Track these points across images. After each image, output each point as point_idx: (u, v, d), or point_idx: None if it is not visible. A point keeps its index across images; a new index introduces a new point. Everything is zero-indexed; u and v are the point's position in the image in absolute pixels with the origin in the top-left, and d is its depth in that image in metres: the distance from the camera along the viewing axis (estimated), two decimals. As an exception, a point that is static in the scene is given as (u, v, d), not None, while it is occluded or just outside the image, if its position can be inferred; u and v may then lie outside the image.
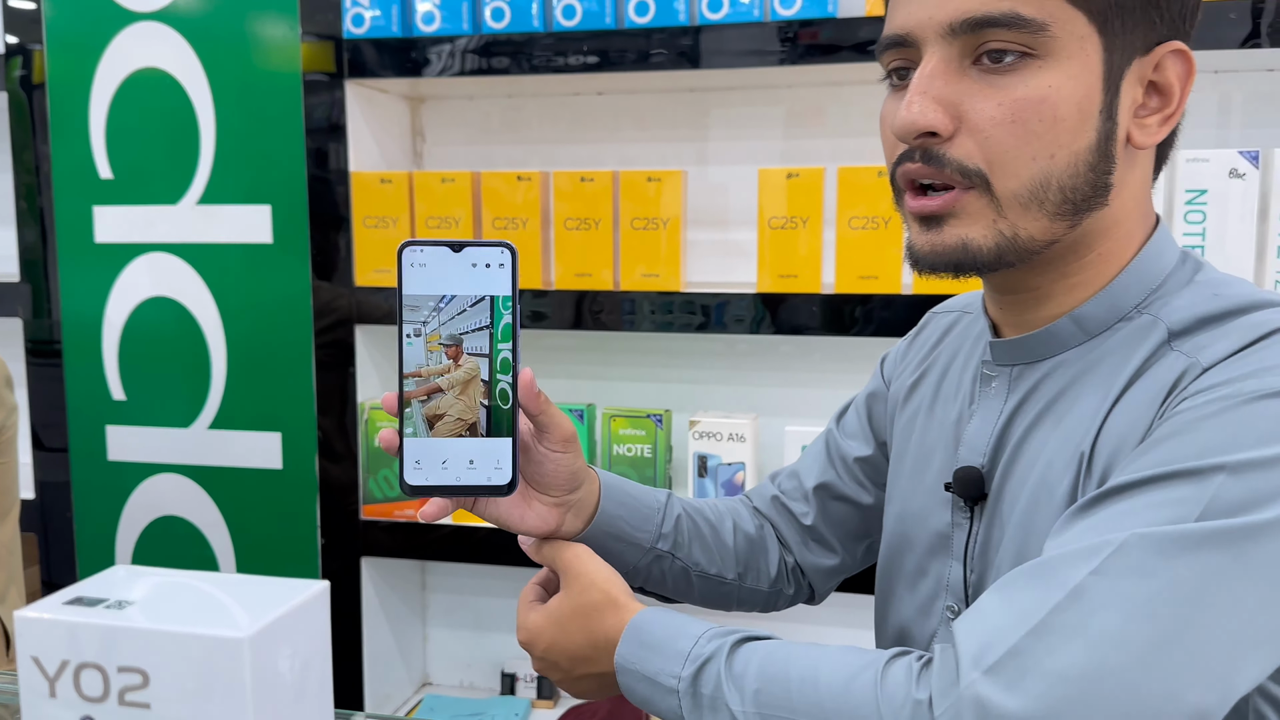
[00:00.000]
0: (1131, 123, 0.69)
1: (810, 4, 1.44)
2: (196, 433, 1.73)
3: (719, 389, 1.75)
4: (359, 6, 1.59)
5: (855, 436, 0.98)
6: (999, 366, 0.78)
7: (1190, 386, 0.64)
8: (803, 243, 1.49)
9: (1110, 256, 0.72)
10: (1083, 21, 0.66)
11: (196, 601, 0.38)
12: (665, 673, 0.70)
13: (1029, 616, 0.58)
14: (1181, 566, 0.57)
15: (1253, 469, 0.58)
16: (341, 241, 1.65)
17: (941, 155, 0.68)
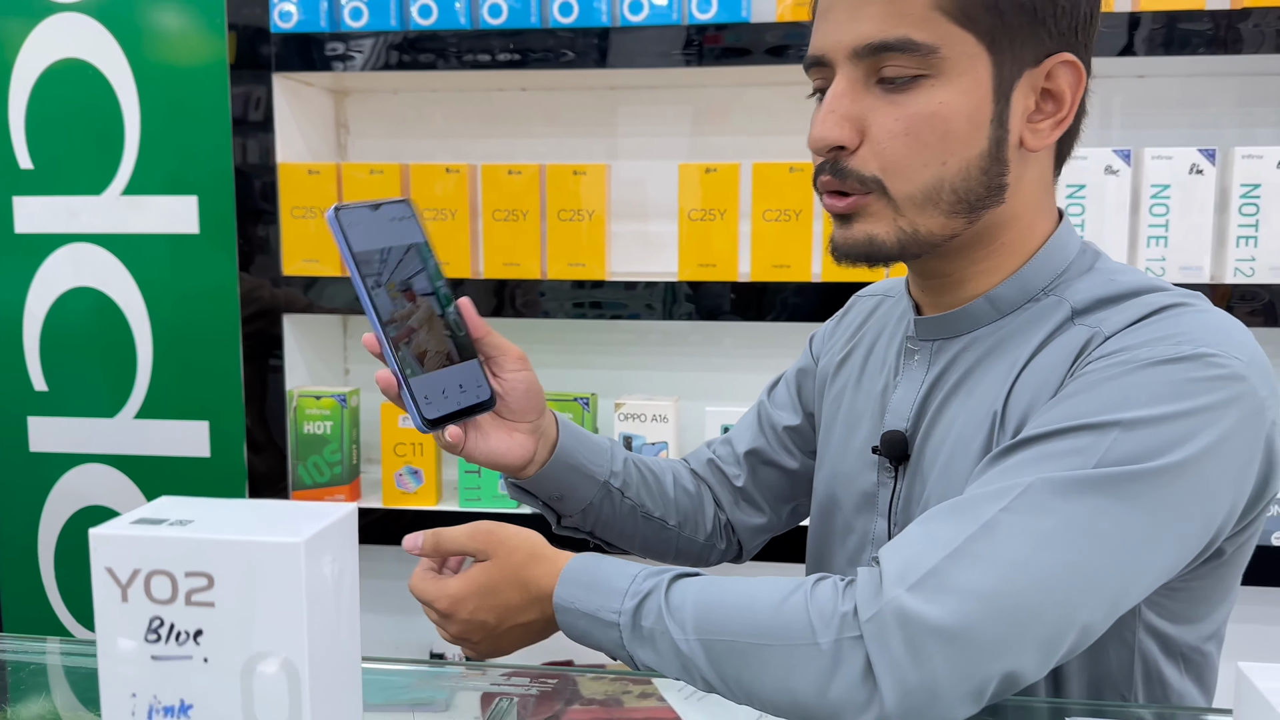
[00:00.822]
0: (1024, 128, 0.77)
1: (725, 9, 1.53)
2: (122, 423, 1.73)
3: (642, 373, 1.83)
4: (286, 2, 1.62)
5: (784, 407, 1.07)
6: (921, 341, 0.87)
7: (1095, 351, 0.74)
8: (720, 234, 1.58)
9: (1014, 246, 0.81)
10: (972, 42, 0.74)
11: (246, 518, 0.44)
12: (606, 608, 0.76)
13: (947, 543, 0.66)
14: (1078, 506, 0.66)
15: (1142, 425, 0.68)
16: (269, 232, 1.68)
17: (844, 168, 0.78)
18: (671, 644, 0.72)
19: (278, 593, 0.41)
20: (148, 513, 0.44)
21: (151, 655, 0.42)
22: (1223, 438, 0.69)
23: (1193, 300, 0.77)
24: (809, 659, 0.66)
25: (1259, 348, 0.74)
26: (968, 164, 0.76)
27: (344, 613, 0.45)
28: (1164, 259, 1.49)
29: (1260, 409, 0.71)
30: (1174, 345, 0.71)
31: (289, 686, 0.42)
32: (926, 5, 0.74)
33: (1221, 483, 0.70)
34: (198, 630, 0.42)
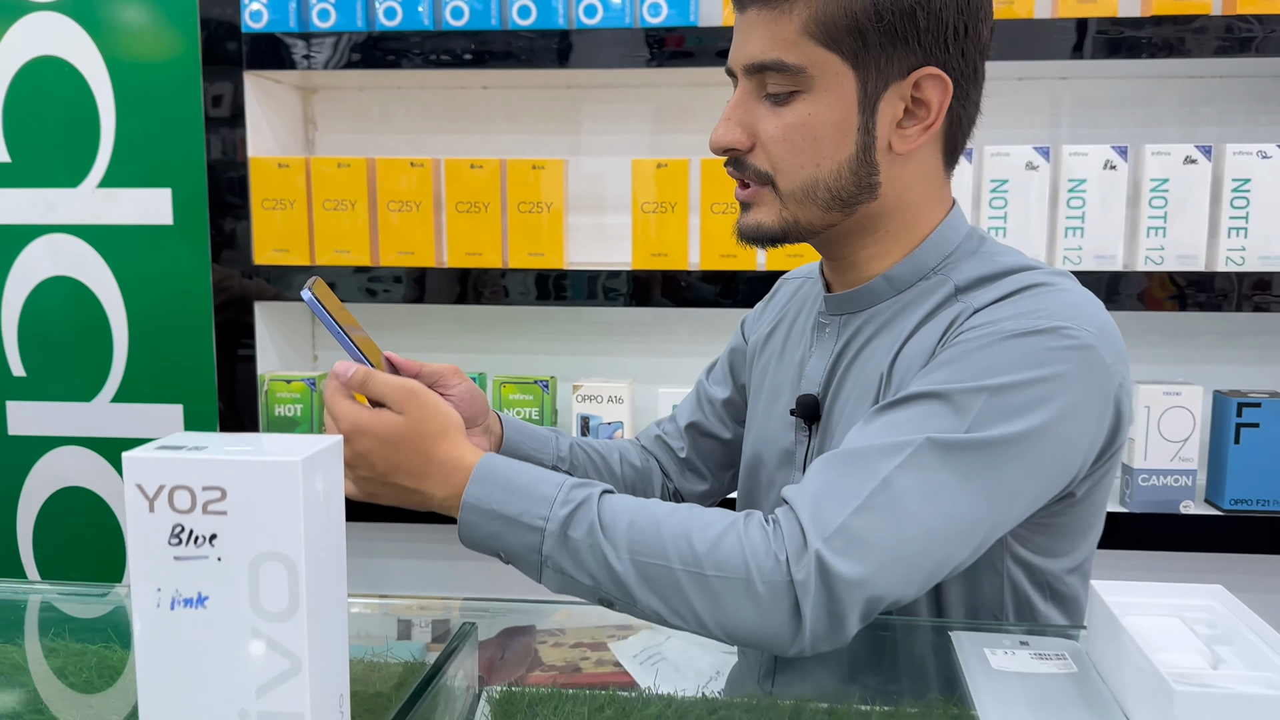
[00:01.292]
0: (893, 134, 0.88)
1: (674, 14, 1.63)
2: (99, 406, 1.80)
3: (599, 357, 1.93)
4: (256, 3, 1.70)
5: (719, 383, 1.18)
6: (831, 316, 0.98)
7: (965, 324, 0.85)
8: (671, 226, 1.68)
9: (902, 232, 0.93)
10: (837, 61, 0.85)
11: (251, 444, 0.53)
12: (531, 513, 0.80)
13: (852, 499, 0.77)
14: (957, 464, 0.78)
15: (1007, 390, 0.79)
16: (240, 223, 1.75)
17: (744, 163, 0.91)
18: (599, 558, 0.79)
19: (280, 503, 0.50)
20: (168, 442, 0.53)
21: (174, 556, 0.51)
22: (1074, 399, 0.81)
23: (1056, 279, 0.88)
24: (744, 594, 0.76)
25: (1109, 320, 0.86)
26: (839, 166, 0.88)
27: (332, 521, 0.55)
28: (1080, 248, 1.61)
29: (1107, 373, 0.83)
30: (1033, 319, 0.82)
31: (288, 580, 0.51)
32: (796, 30, 0.85)
33: (1074, 437, 0.82)
34: (213, 534, 0.51)
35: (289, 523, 0.51)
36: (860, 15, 0.84)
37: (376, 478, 0.86)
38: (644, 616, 0.80)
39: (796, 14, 0.85)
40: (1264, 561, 1.79)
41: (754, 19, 0.88)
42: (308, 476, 0.51)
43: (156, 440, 0.53)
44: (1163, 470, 1.63)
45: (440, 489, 0.84)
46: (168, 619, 0.52)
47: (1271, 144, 1.58)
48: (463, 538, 0.84)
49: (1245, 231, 1.59)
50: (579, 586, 0.81)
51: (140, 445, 0.53)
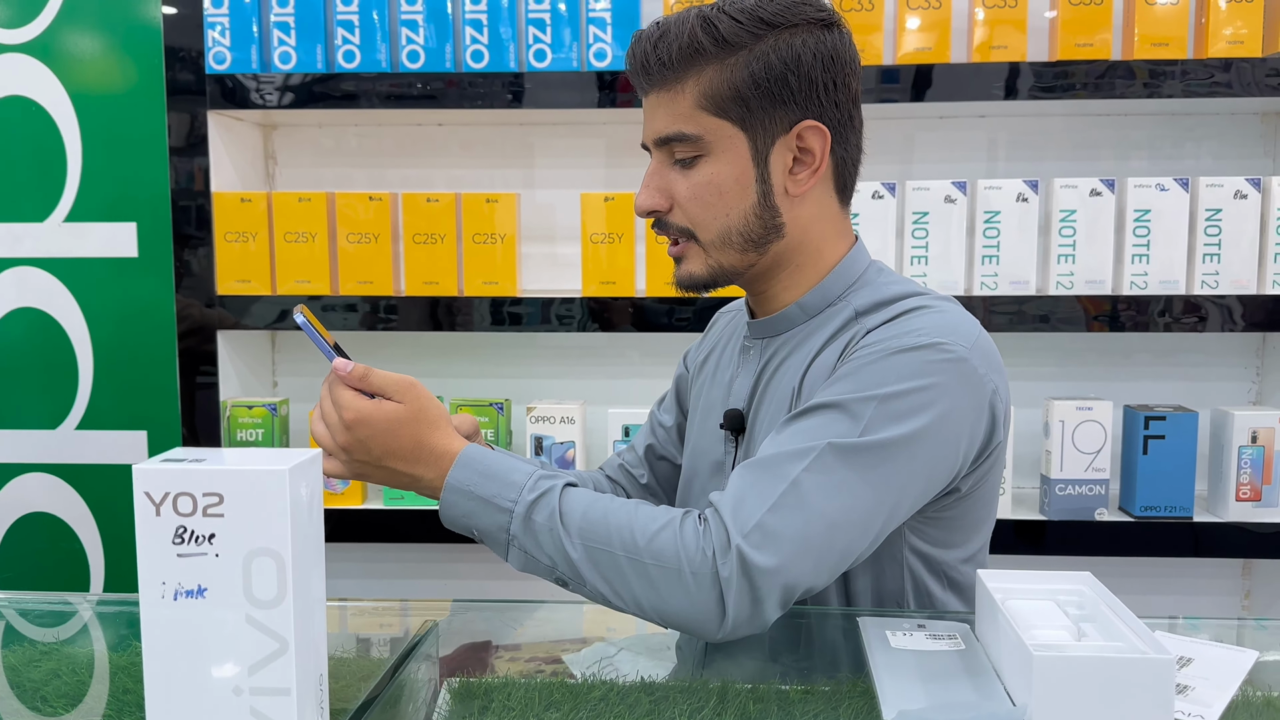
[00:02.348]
0: (786, 180, 1.01)
1: (619, 58, 1.74)
2: (64, 434, 1.86)
3: (551, 381, 2.02)
4: (220, 46, 1.78)
5: (668, 410, 1.30)
6: (754, 340, 1.10)
7: (859, 343, 0.98)
8: (619, 255, 1.79)
9: (809, 265, 1.05)
10: (729, 126, 0.99)
11: (242, 457, 0.62)
12: (503, 496, 0.92)
13: (767, 499, 0.88)
14: (854, 464, 0.89)
15: (893, 399, 0.91)
16: (203, 255, 1.82)
17: (666, 223, 1.04)
18: (556, 541, 0.90)
19: (270, 506, 0.59)
20: (170, 455, 0.62)
21: (177, 554, 0.59)
22: (952, 404, 0.93)
23: (936, 304, 1.00)
24: (676, 581, 0.87)
25: (983, 336, 0.99)
26: (745, 214, 1.01)
27: (314, 522, 0.63)
28: (996, 275, 1.74)
29: (980, 382, 0.95)
30: (915, 337, 0.95)
31: (277, 573, 0.60)
32: (691, 105, 0.99)
33: (953, 438, 0.94)
34: (211, 534, 0.59)
35: (278, 523, 0.59)
36: (741, 86, 0.97)
37: (371, 461, 0.96)
38: (591, 597, 0.90)
39: (688, 92, 0.98)
40: (1173, 564, 1.93)
41: (655, 100, 1.01)
42: (294, 483, 0.60)
43: (160, 455, 0.62)
44: (1078, 480, 1.76)
45: (429, 471, 0.96)
46: (172, 609, 0.60)
47: (1169, 178, 1.72)
48: (442, 515, 0.96)
49: (1147, 258, 1.73)
50: (539, 565, 0.92)
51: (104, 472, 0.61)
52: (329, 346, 0.98)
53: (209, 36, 1.77)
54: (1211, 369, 1.94)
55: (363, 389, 0.97)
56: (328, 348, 0.98)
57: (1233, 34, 1.70)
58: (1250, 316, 1.71)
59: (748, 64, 0.97)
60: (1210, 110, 1.87)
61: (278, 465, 0.59)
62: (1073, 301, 1.72)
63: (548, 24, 1.75)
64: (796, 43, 0.98)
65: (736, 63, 0.97)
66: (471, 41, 1.76)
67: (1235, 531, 1.74)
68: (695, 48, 0.98)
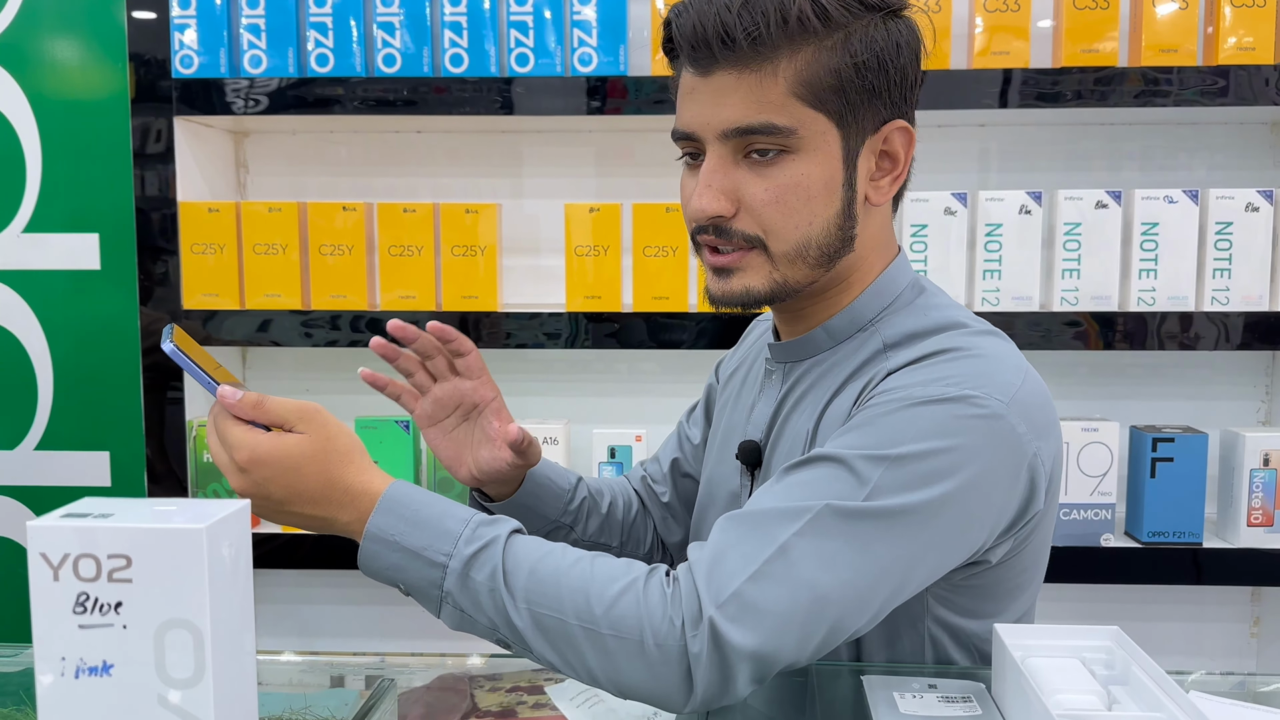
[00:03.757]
0: (868, 186, 0.90)
1: (605, 63, 1.66)
2: (22, 454, 1.77)
3: (534, 399, 1.94)
4: (187, 49, 1.70)
5: (697, 424, 1.19)
6: (776, 364, 0.99)
7: (878, 386, 0.85)
8: (605, 268, 1.71)
9: (855, 284, 0.93)
10: (823, 120, 0.86)
11: (157, 511, 0.54)
12: (435, 549, 0.79)
13: (749, 564, 0.77)
14: (854, 533, 0.77)
15: (906, 461, 0.79)
16: (169, 267, 1.74)
17: (729, 229, 0.89)
18: (498, 604, 0.78)
19: (185, 570, 0.51)
20: (74, 509, 0.53)
21: (79, 624, 0.51)
22: (979, 470, 0.80)
23: (975, 343, 0.87)
24: (638, 655, 0.76)
25: (1029, 387, 0.85)
26: (828, 222, 0.88)
27: (239, 586, 0.55)
28: (998, 290, 1.66)
29: (1018, 443, 0.82)
30: (942, 386, 0.82)
31: (194, 647, 0.51)
32: (784, 93, 0.85)
33: (978, 509, 0.81)
34: (118, 602, 0.51)
35: (194, 590, 0.51)
36: (843, 74, 0.85)
37: (275, 507, 0.82)
38: (538, 663, 0.80)
39: (782, 75, 0.84)
40: (1181, 592, 1.85)
41: (730, 82, 0.85)
42: (213, 543, 0.52)
43: (61, 508, 0.54)
44: (1083, 504, 1.68)
45: (344, 514, 0.81)
46: (72, 688, 0.52)
47: (1177, 189, 1.65)
48: (362, 566, 0.82)
49: (1155, 273, 1.66)
50: (476, 625, 0.80)
51: (65, 494, 0.53)
52: (206, 375, 0.82)
53: (176, 39, 1.69)
54: (1219, 388, 1.87)
55: (257, 420, 0.81)
56: (205, 376, 0.82)
57: (1240, 42, 1.63)
58: (1261, 333, 1.64)
59: (847, 48, 0.85)
60: (1218, 120, 1.80)
61: (193, 523, 0.51)
62: (1077, 318, 1.65)
63: (530, 27, 1.67)
64: (894, 29, 0.86)
65: (834, 45, 0.84)
66: (451, 45, 1.69)
67: (1246, 558, 1.67)
68: (799, 21, 0.83)
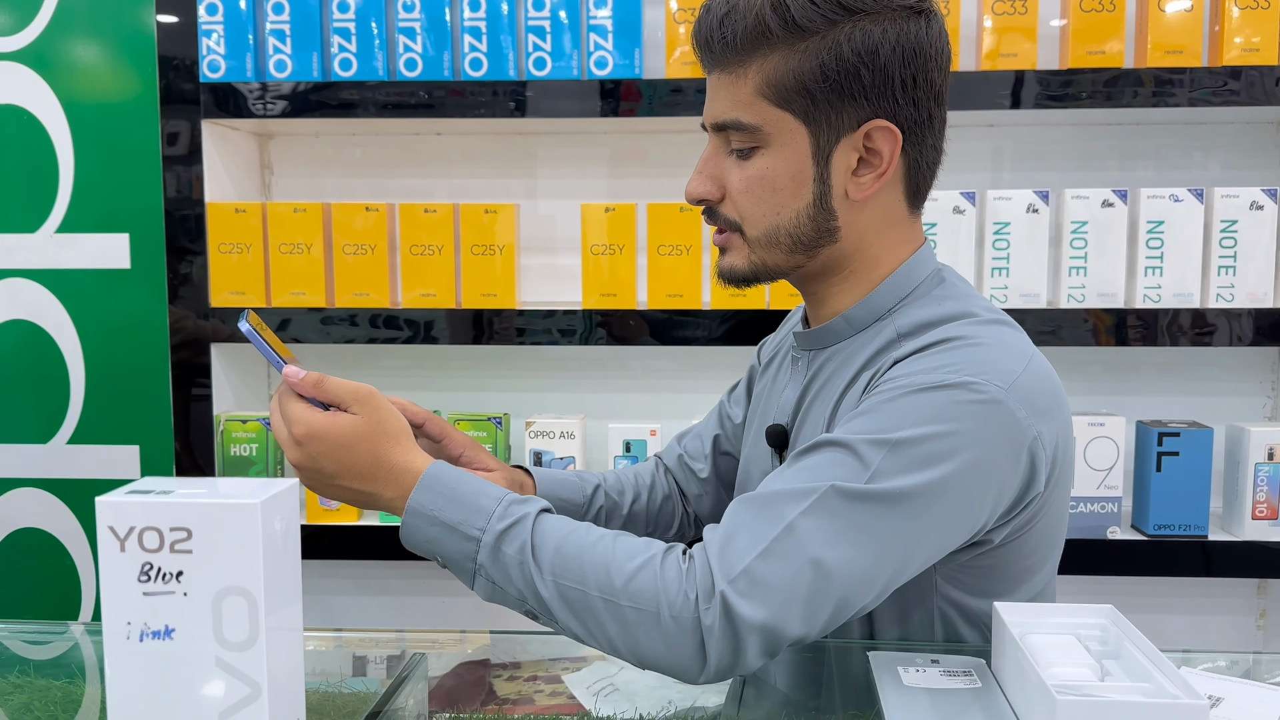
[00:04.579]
0: (848, 182, 0.93)
1: (620, 66, 1.70)
2: (55, 448, 1.82)
3: (551, 394, 1.98)
4: (215, 54, 1.75)
5: (738, 403, 1.24)
6: (802, 350, 1.03)
7: (886, 374, 0.90)
8: (620, 267, 1.75)
9: (862, 273, 0.97)
10: (790, 119, 0.91)
11: (214, 489, 0.58)
12: (469, 523, 0.85)
13: (758, 542, 0.81)
14: (857, 513, 0.81)
15: (908, 444, 0.83)
16: (197, 267, 1.79)
17: (716, 212, 0.97)
18: (526, 576, 0.83)
19: (241, 542, 0.55)
20: (137, 487, 0.58)
21: (143, 592, 0.56)
22: (978, 454, 0.84)
23: (979, 332, 0.90)
24: (654, 626, 0.81)
25: (1029, 373, 0.88)
26: (797, 214, 0.94)
27: (289, 558, 0.60)
28: (1006, 287, 1.70)
29: (1017, 427, 0.85)
30: (942, 374, 0.86)
31: (249, 613, 0.56)
32: (752, 93, 0.91)
33: (976, 491, 0.84)
34: (179, 571, 0.56)
35: (249, 560, 0.55)
36: (807, 78, 0.89)
37: (325, 480, 0.90)
38: (564, 634, 0.85)
39: (750, 78, 0.91)
40: (1186, 584, 1.88)
41: (716, 81, 0.94)
42: (266, 517, 0.56)
43: (125, 485, 0.58)
44: (1090, 498, 1.71)
45: (388, 490, 0.89)
46: (137, 651, 0.56)
47: (1183, 188, 1.68)
48: (404, 539, 0.89)
49: (1161, 270, 1.69)
50: (507, 597, 0.86)
51: (96, 487, 0.58)
52: (277, 355, 0.91)
53: (203, 44, 1.74)
54: (1226, 384, 1.90)
55: (317, 398, 0.90)
56: (276, 356, 0.91)
57: (1246, 42, 1.66)
58: (1266, 330, 1.67)
59: (818, 53, 0.89)
60: (1224, 119, 1.83)
61: (248, 499, 0.56)
62: (1084, 315, 1.68)
63: (547, 32, 1.72)
64: (876, 32, 0.89)
65: (806, 50, 0.89)
66: (470, 49, 1.73)
67: (1251, 551, 1.70)
68: (761, 29, 0.89)
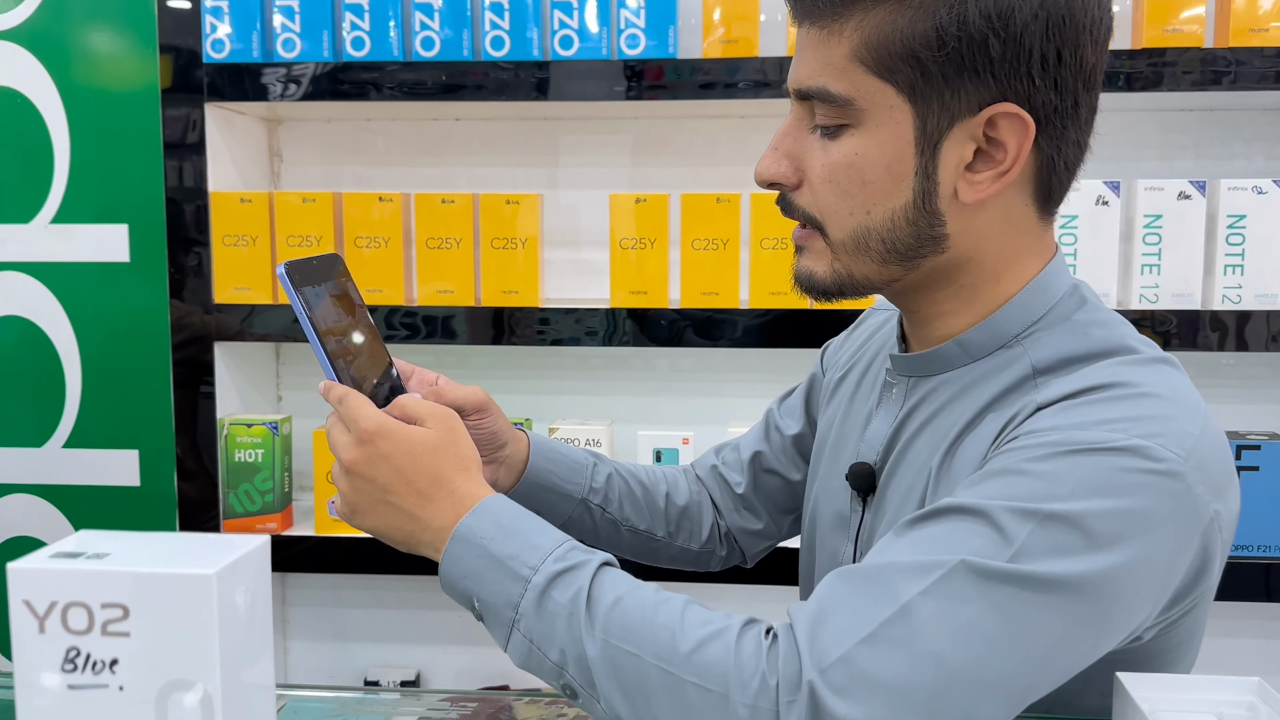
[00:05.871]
0: (959, 179, 0.74)
1: (653, 46, 1.58)
2: (50, 452, 1.72)
3: (576, 398, 1.86)
4: (219, 32, 1.63)
5: (791, 415, 1.08)
6: (899, 376, 0.85)
7: (1025, 424, 0.71)
8: (650, 262, 1.62)
9: (980, 289, 0.78)
10: (891, 93, 0.72)
11: (161, 550, 0.46)
12: (521, 560, 0.71)
13: (862, 625, 0.64)
14: (993, 598, 0.64)
15: (1063, 520, 0.65)
16: (200, 259, 1.68)
17: (791, 202, 0.79)
18: (574, 631, 0.68)
19: (191, 623, 0.43)
20: (66, 546, 0.46)
21: (68, 685, 0.44)
22: (1148, 539, 0.66)
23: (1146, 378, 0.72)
24: (718, 711, 0.65)
25: (1207, 433, 0.71)
26: (892, 214, 0.75)
27: (256, 641, 0.47)
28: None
29: (1194, 507, 0.68)
30: (1108, 431, 0.67)
31: (203, 714, 0.44)
32: (847, 55, 0.73)
33: (1141, 584, 0.67)
34: (113, 660, 0.44)
35: (202, 646, 0.43)
36: (918, 42, 0.71)
37: (375, 494, 0.76)
38: (603, 713, 0.69)
39: (847, 36, 0.73)
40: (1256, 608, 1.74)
41: (806, 37, 0.76)
42: (225, 589, 0.44)
43: (54, 544, 0.46)
44: (1159, 515, 1.58)
45: (440, 516, 0.75)
46: (61, 758, 0.44)
47: (1268, 179, 1.53)
48: (443, 574, 0.74)
49: (1242, 269, 1.55)
50: (543, 663, 0.70)
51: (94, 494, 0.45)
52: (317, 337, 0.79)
53: (208, 22, 1.62)
54: (1307, 391, 1.75)
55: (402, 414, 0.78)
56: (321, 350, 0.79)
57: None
58: (1358, 335, 1.53)
59: (935, 11, 0.70)
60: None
61: (200, 568, 0.43)
62: (1157, 316, 1.54)
63: (574, 9, 1.59)
64: None
65: (921, 7, 0.71)
66: (492, 27, 1.61)
67: (1338, 575, 1.56)
68: None
